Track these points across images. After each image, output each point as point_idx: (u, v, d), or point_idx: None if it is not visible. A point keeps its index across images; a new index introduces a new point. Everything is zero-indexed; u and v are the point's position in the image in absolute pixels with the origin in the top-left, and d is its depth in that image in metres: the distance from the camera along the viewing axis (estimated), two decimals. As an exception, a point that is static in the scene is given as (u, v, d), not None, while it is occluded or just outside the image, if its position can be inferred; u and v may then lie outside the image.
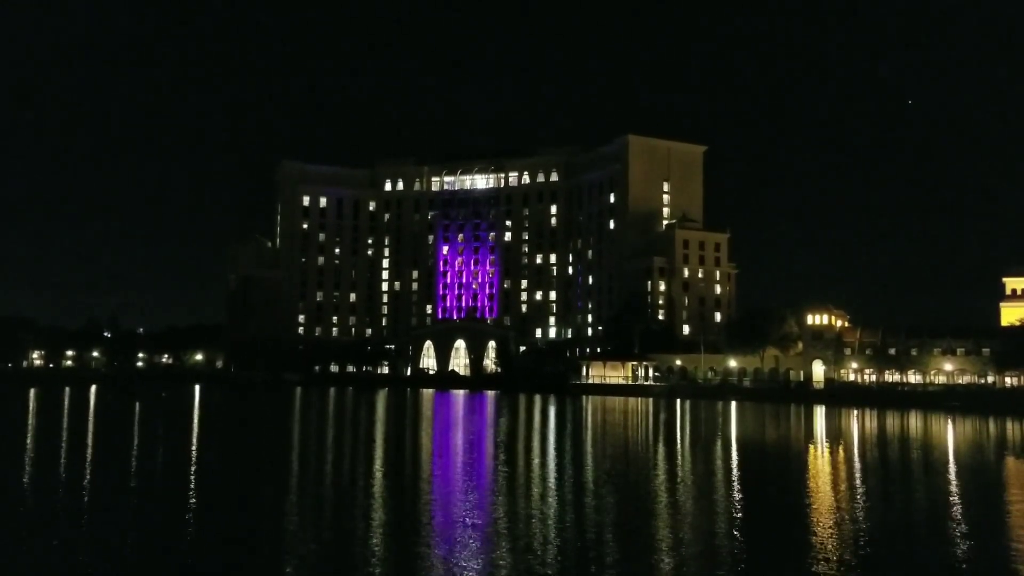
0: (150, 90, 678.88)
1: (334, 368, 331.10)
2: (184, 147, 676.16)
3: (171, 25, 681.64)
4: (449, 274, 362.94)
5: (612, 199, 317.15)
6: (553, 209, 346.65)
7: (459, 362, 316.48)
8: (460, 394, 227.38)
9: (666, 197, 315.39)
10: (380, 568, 33.97)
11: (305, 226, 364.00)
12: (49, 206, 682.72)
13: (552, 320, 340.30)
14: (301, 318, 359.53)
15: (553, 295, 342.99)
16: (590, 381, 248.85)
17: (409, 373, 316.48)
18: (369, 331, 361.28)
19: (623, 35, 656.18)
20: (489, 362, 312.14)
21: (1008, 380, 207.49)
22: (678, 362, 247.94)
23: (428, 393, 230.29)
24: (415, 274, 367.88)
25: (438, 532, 40.68)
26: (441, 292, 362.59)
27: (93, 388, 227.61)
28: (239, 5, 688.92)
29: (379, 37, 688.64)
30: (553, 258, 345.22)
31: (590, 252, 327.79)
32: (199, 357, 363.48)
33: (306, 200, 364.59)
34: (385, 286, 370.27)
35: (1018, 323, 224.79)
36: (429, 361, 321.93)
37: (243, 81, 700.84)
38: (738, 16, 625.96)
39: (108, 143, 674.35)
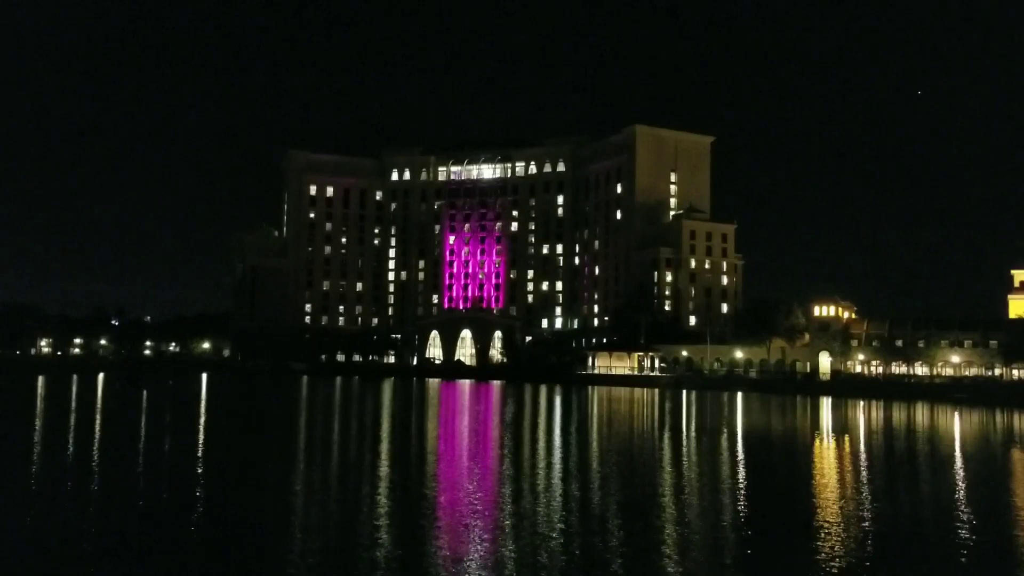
0: (158, 80, 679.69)
1: (340, 357, 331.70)
2: (192, 137, 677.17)
3: (179, 15, 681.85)
4: (455, 264, 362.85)
5: (619, 189, 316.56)
6: (560, 199, 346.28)
7: (465, 352, 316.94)
8: (466, 384, 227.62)
9: (673, 188, 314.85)
10: (383, 555, 34.05)
11: (312, 215, 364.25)
12: (57, 196, 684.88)
13: (558, 310, 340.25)
14: (308, 307, 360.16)
15: (559, 285, 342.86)
16: (596, 371, 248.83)
17: (415, 363, 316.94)
18: (375, 320, 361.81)
19: (631, 25, 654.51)
20: (495, 352, 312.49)
21: (1015, 372, 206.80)
22: (684, 353, 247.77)
23: (434, 383, 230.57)
24: (421, 264, 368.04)
25: (443, 517, 40.75)
26: (447, 282, 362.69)
27: (100, 376, 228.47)
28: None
29: (386, 26, 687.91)
30: (560, 248, 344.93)
31: (597, 242, 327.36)
32: (206, 346, 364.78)
33: (313, 189, 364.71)
34: (392, 276, 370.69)
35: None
36: (435, 351, 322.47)
37: (251, 71, 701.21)
38: (747, 7, 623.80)
39: (116, 133, 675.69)
